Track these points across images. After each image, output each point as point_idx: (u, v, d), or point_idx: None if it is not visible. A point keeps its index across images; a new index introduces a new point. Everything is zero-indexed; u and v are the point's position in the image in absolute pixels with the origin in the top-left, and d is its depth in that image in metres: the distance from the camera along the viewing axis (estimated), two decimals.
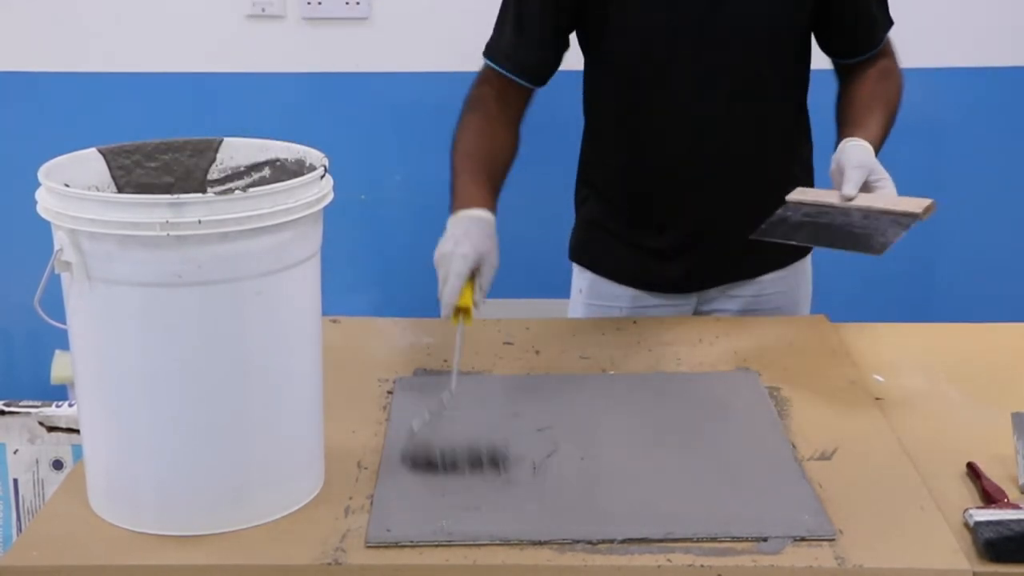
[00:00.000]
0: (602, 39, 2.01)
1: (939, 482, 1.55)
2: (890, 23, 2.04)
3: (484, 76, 2.05)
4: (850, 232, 1.75)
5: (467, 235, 1.79)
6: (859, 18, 2.00)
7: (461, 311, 1.73)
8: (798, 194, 1.85)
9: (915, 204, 1.75)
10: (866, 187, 1.80)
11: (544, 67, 2.03)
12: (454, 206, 1.88)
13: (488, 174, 1.95)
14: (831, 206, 1.79)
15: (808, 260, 2.20)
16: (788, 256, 2.14)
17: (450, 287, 1.73)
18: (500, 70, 2.02)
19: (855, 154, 1.83)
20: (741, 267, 2.13)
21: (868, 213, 1.76)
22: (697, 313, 2.17)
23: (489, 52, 2.04)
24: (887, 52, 2.05)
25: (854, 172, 1.80)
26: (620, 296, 2.17)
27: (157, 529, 1.44)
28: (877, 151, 1.87)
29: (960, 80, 3.01)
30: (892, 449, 1.63)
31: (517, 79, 2.01)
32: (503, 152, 2.01)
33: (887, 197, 1.78)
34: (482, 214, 1.85)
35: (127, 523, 1.46)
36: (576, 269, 2.27)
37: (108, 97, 3.09)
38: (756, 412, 1.73)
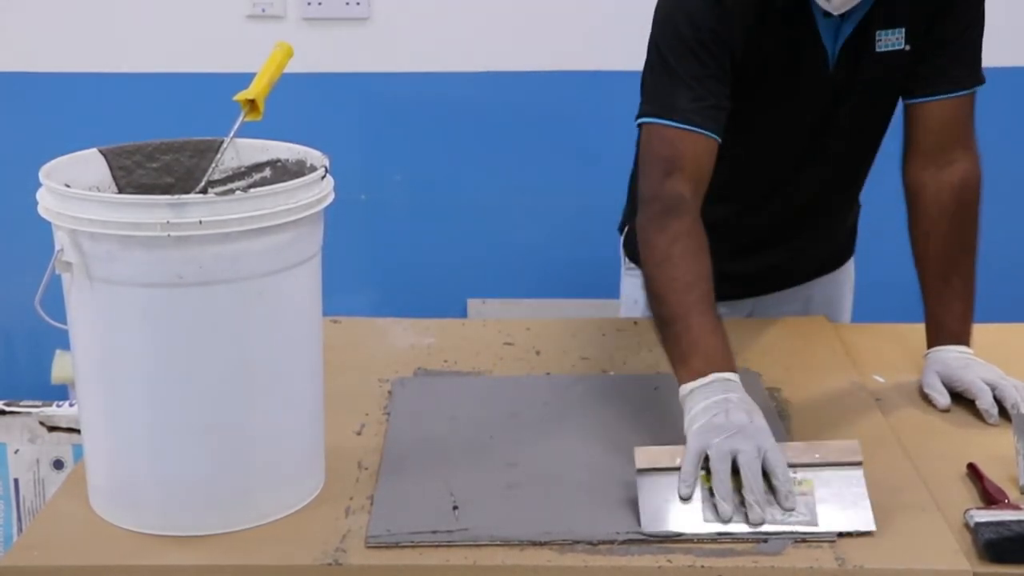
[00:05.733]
0: (730, 120, 1.85)
1: (939, 482, 1.55)
2: (979, 76, 1.88)
3: (667, 156, 1.75)
4: None
5: (751, 413, 1.52)
6: (948, 46, 1.86)
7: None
8: (644, 459, 1.50)
9: (851, 451, 1.50)
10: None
11: (726, 117, 1.79)
12: (699, 361, 1.58)
13: (716, 313, 1.66)
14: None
15: (851, 264, 2.24)
16: (836, 260, 2.21)
17: (755, 491, 1.44)
18: (700, 131, 1.74)
19: (971, 375, 1.75)
20: (797, 274, 2.18)
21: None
22: (751, 317, 2.18)
23: (679, 116, 1.75)
24: (968, 146, 1.88)
25: (984, 395, 1.72)
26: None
27: (158, 529, 1.44)
28: (970, 337, 1.83)
29: None
30: (892, 449, 1.64)
31: (715, 136, 1.76)
32: (711, 267, 1.69)
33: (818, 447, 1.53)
34: (738, 380, 1.58)
35: (127, 523, 1.46)
36: (628, 279, 2.20)
37: (108, 97, 3.10)
38: None
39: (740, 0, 1.76)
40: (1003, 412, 1.70)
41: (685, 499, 1.45)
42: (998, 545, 1.38)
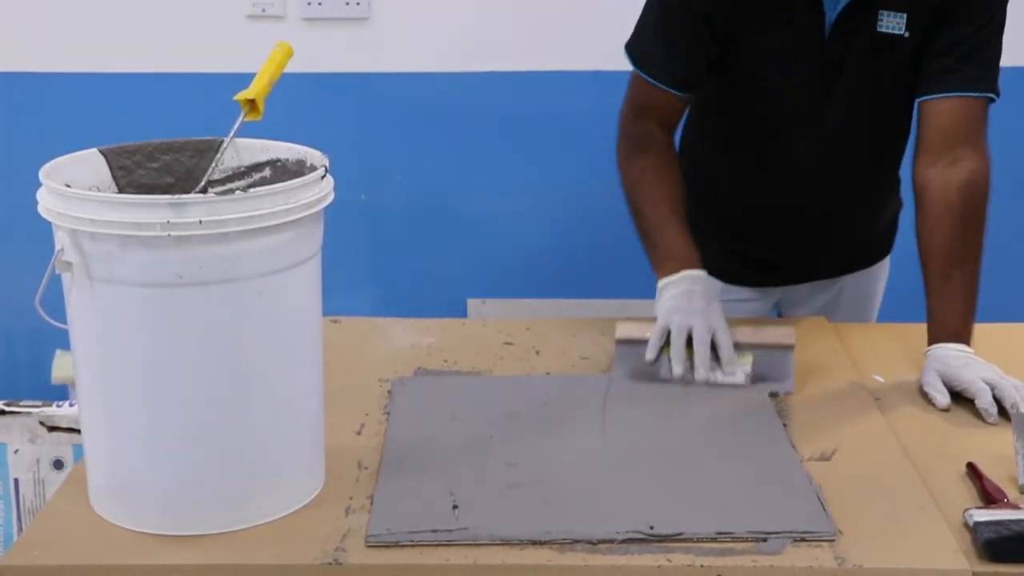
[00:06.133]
0: (729, 74, 2.00)
1: (939, 482, 1.55)
2: (992, 85, 1.91)
3: (640, 102, 2.01)
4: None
5: (709, 301, 1.85)
6: (961, 44, 1.89)
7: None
8: (623, 331, 1.87)
9: (786, 335, 1.84)
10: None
11: (699, 80, 1.99)
12: (671, 263, 1.90)
13: (686, 223, 1.95)
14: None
15: (887, 261, 2.26)
16: (872, 258, 2.23)
17: (701, 356, 1.79)
18: (661, 85, 1.97)
19: (970, 374, 1.77)
20: (829, 267, 2.21)
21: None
22: (779, 307, 2.25)
23: (651, 71, 1.98)
24: (977, 146, 1.91)
25: (983, 394, 1.73)
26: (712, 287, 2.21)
27: (158, 529, 1.45)
28: (970, 336, 1.85)
29: None
30: (892, 449, 1.64)
31: (678, 93, 1.98)
32: (682, 191, 1.99)
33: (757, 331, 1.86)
34: (704, 275, 1.90)
35: (128, 523, 1.46)
36: None
37: (108, 97, 3.09)
38: (757, 412, 1.73)
39: None
40: (1003, 411, 1.71)
41: (650, 361, 1.81)
42: (997, 544, 1.38)
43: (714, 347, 1.80)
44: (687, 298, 1.84)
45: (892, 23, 1.87)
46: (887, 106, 1.99)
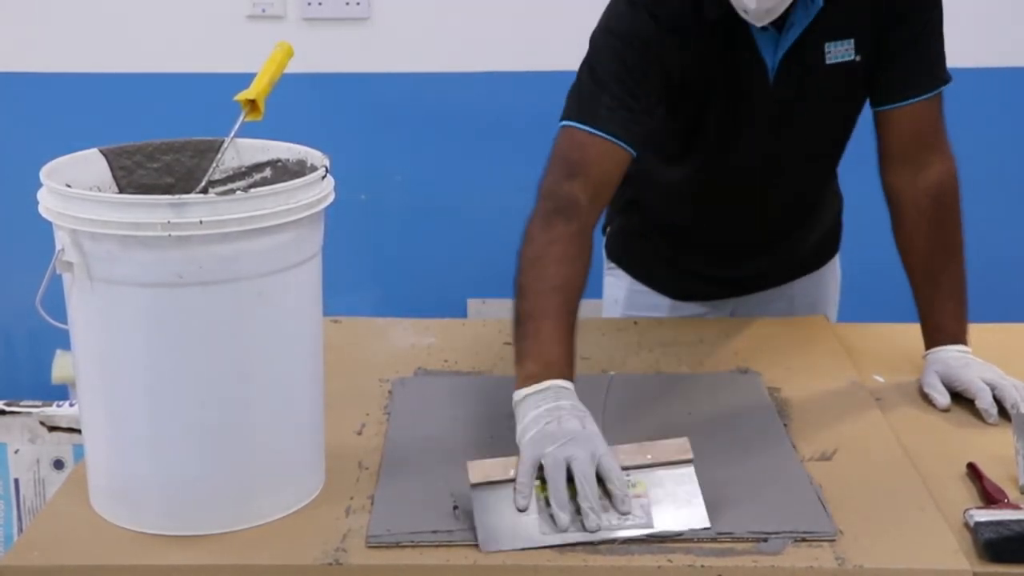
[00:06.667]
0: (676, 126, 1.91)
1: (939, 482, 1.55)
2: (942, 75, 1.87)
3: (573, 160, 1.74)
4: None
5: (583, 420, 1.51)
6: (907, 50, 1.85)
7: None
8: (477, 473, 1.48)
9: (681, 449, 1.51)
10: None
11: (644, 137, 1.79)
12: (535, 367, 1.57)
13: (574, 324, 1.64)
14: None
15: (836, 261, 2.25)
16: (819, 259, 2.21)
17: (589, 498, 1.43)
18: (611, 138, 1.74)
19: (970, 374, 1.76)
20: (778, 275, 2.18)
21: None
22: (734, 315, 2.20)
23: (594, 122, 1.74)
24: (940, 148, 1.88)
25: (983, 395, 1.72)
26: (660, 305, 2.17)
27: (158, 529, 1.45)
28: (967, 335, 1.84)
29: (960, 80, 3.01)
30: (892, 449, 1.64)
31: (627, 146, 1.74)
32: (586, 281, 1.69)
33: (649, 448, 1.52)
34: (572, 388, 1.58)
35: (128, 523, 1.46)
36: (610, 278, 2.23)
37: (108, 97, 3.10)
38: (757, 412, 1.73)
39: (675, 15, 1.76)
40: (1003, 412, 1.71)
41: (522, 510, 1.44)
42: (997, 545, 1.38)
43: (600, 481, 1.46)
44: (556, 420, 1.50)
45: (840, 52, 1.83)
46: (844, 129, 1.98)
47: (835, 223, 2.21)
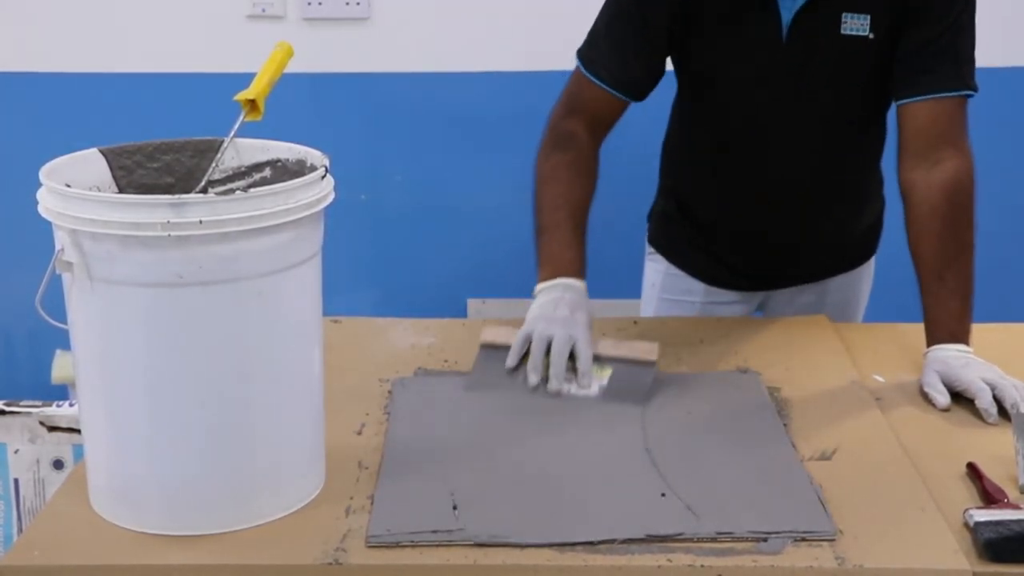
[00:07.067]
0: (691, 77, 2.02)
1: (939, 482, 1.55)
2: (968, 82, 1.88)
3: (574, 101, 2.00)
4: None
5: (574, 310, 1.81)
6: (930, 45, 1.88)
7: None
8: (489, 335, 1.87)
9: (648, 351, 1.81)
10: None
11: (640, 85, 1.99)
12: (549, 268, 1.88)
13: (582, 231, 1.93)
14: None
15: (872, 263, 2.26)
16: (855, 260, 2.23)
17: (555, 367, 1.76)
18: (603, 85, 1.96)
19: (971, 374, 1.76)
20: (808, 271, 2.21)
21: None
22: (763, 308, 2.25)
23: (593, 70, 1.97)
24: (959, 146, 1.89)
25: (983, 394, 1.73)
26: (693, 290, 2.21)
27: (158, 529, 1.45)
28: (969, 335, 1.85)
29: None
30: (892, 449, 1.64)
31: (615, 92, 1.97)
32: (590, 196, 1.97)
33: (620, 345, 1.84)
34: (579, 285, 1.87)
35: (128, 523, 1.46)
36: (649, 264, 2.29)
37: (108, 97, 3.10)
38: (757, 412, 1.73)
39: None
40: (1003, 411, 1.71)
41: (509, 368, 1.78)
42: (997, 544, 1.38)
43: (573, 357, 1.77)
44: (553, 306, 1.82)
45: (855, 25, 1.86)
46: (860, 108, 1.99)
47: (875, 225, 2.22)
